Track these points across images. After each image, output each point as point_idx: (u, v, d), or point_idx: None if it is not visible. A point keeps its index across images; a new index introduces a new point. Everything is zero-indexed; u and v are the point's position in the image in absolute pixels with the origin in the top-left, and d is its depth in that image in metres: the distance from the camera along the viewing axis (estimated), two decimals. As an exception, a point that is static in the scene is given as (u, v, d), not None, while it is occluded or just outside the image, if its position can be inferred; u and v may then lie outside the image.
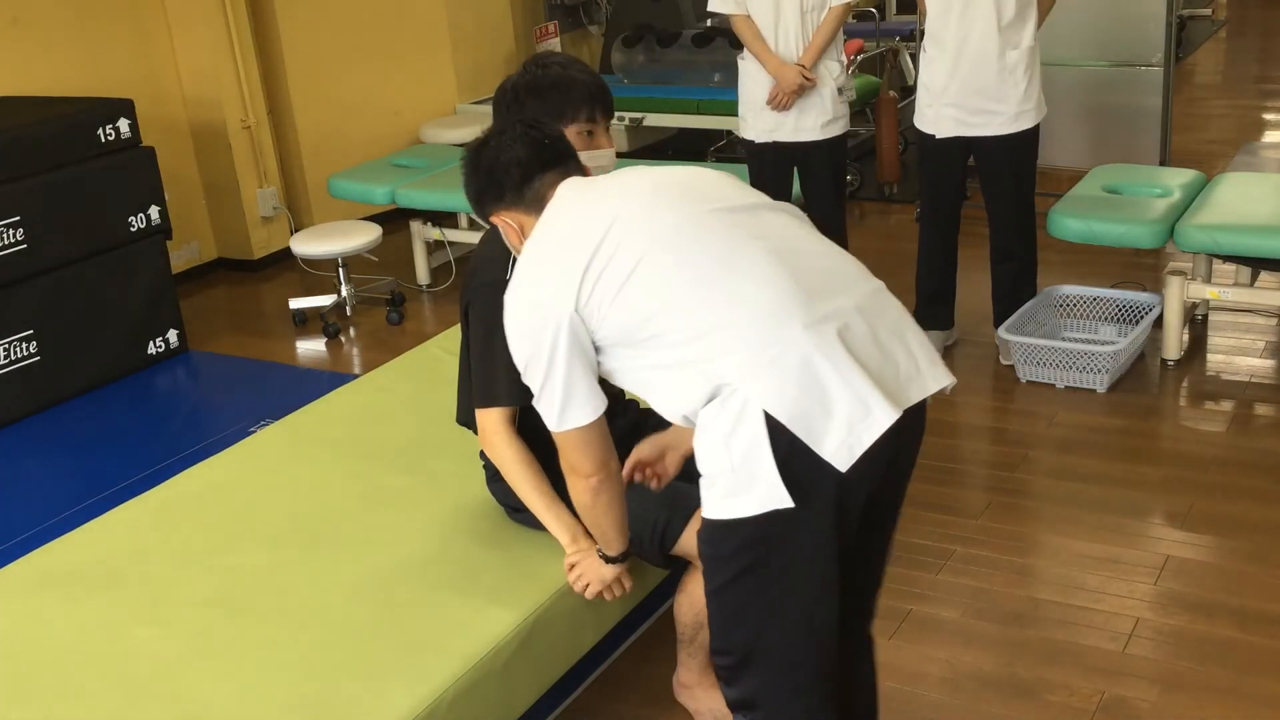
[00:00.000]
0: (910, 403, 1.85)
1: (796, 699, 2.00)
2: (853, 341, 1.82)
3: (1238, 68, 9.78)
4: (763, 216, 1.98)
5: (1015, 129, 4.17)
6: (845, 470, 1.78)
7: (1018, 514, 3.51)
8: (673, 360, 1.88)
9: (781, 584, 1.90)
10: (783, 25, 4.31)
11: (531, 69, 2.48)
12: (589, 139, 2.45)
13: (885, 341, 1.87)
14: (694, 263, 1.88)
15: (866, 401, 1.78)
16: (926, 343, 1.95)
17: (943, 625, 3.03)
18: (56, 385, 4.72)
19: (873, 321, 1.87)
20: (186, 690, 2.20)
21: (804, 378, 1.78)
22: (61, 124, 4.71)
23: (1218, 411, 4.05)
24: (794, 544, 1.86)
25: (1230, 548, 3.27)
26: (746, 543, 1.87)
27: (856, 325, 1.84)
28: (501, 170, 2.11)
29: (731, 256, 1.88)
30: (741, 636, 1.96)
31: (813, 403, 1.78)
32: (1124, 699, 2.73)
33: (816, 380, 1.78)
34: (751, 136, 4.49)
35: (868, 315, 1.88)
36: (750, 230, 1.93)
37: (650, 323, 1.88)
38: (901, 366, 1.87)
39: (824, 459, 1.77)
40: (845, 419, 1.78)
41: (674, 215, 1.94)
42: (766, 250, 1.89)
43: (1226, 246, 4.12)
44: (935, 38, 4.21)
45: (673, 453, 2.27)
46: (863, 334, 1.84)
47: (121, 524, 2.84)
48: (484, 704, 2.25)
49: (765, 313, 1.82)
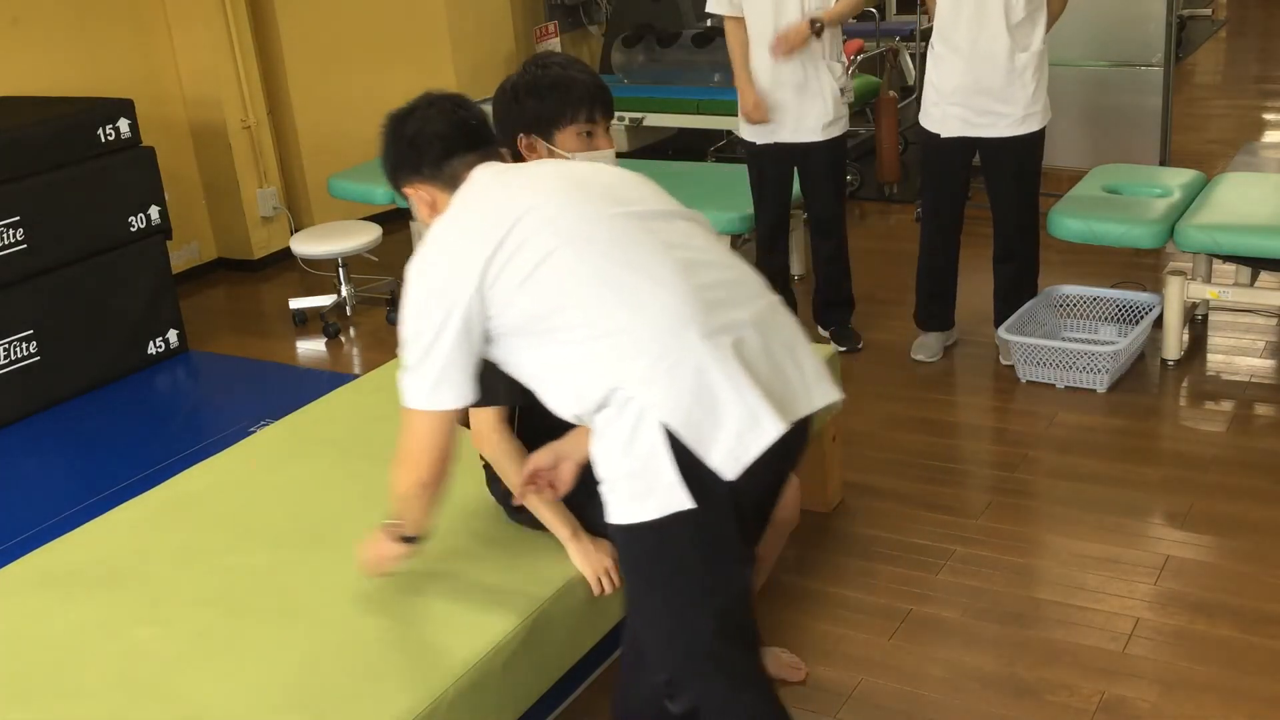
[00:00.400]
0: (798, 416, 1.89)
1: (734, 698, 2.02)
2: (747, 354, 1.86)
3: (1238, 68, 9.78)
4: (675, 224, 2.00)
5: (1021, 131, 4.17)
6: (733, 479, 1.82)
7: (1018, 514, 3.51)
8: (570, 358, 1.89)
9: (694, 583, 1.92)
10: (783, 26, 4.30)
11: (531, 69, 2.48)
12: (588, 139, 2.45)
13: (777, 356, 1.91)
14: (600, 265, 1.89)
15: (756, 413, 1.82)
16: (816, 359, 1.99)
17: (943, 625, 3.03)
18: (56, 385, 4.72)
19: (766, 336, 1.91)
20: (186, 690, 2.20)
21: (697, 387, 1.81)
22: (61, 124, 4.71)
23: (1218, 411, 4.05)
24: (700, 543, 1.88)
25: (1230, 548, 3.27)
26: (654, 545, 1.89)
27: (751, 339, 1.88)
28: (425, 142, 2.10)
29: (638, 262, 1.90)
30: (667, 642, 1.99)
31: (704, 412, 1.81)
32: (1124, 699, 2.73)
33: (709, 390, 1.81)
34: (752, 138, 4.49)
35: (762, 329, 1.91)
36: (661, 238, 1.94)
37: (552, 316, 1.89)
38: (791, 381, 1.91)
39: (711, 468, 1.81)
40: (734, 429, 1.81)
41: (587, 215, 1.95)
42: (674, 259, 1.91)
43: (1226, 246, 4.12)
44: (945, 37, 4.20)
45: (567, 462, 2.22)
46: (756, 347, 1.88)
47: (121, 524, 2.84)
48: (484, 704, 2.25)
49: (665, 321, 1.84)
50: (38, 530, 3.66)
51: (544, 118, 2.44)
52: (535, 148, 2.46)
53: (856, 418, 4.03)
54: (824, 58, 4.35)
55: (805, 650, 2.94)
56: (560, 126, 2.43)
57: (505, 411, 2.47)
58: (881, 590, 3.19)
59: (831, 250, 4.62)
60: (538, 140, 2.46)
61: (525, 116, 2.45)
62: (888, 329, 4.82)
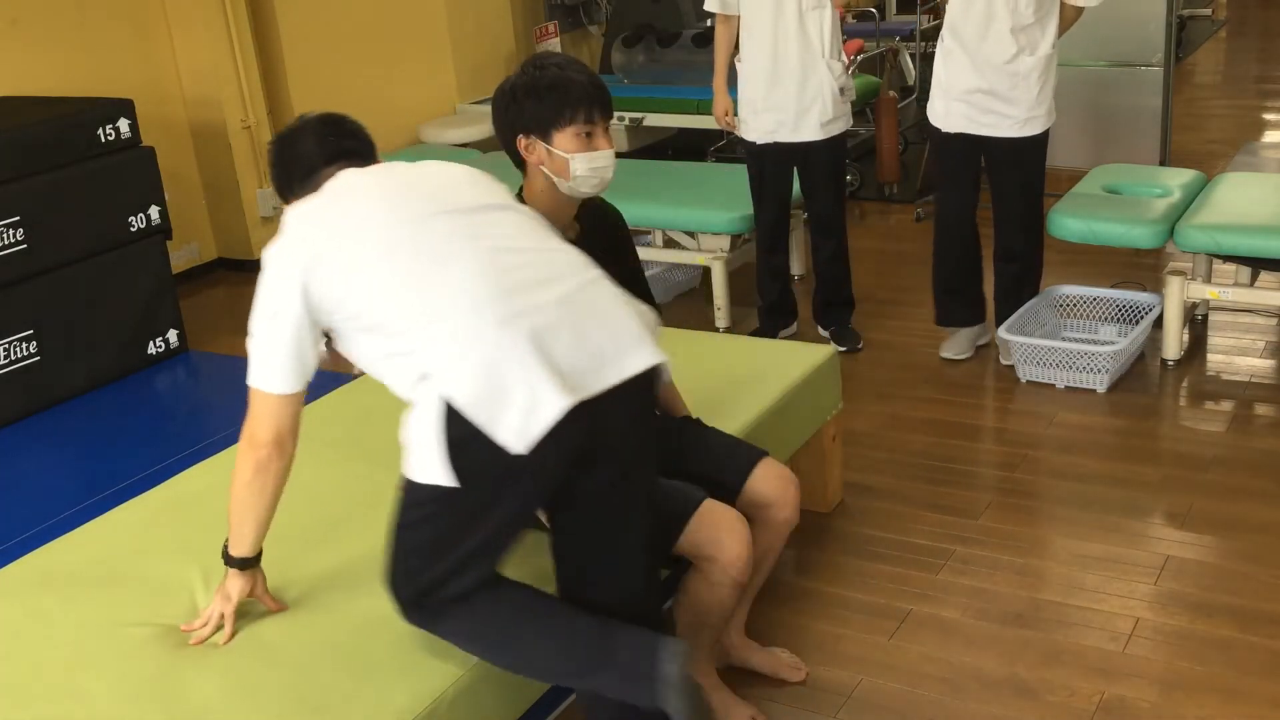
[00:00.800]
0: (606, 385, 2.03)
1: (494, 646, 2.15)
2: (545, 335, 2.00)
3: (1238, 68, 9.79)
4: (489, 217, 2.17)
5: (1024, 133, 4.17)
6: (524, 453, 1.97)
7: (1018, 514, 3.51)
8: (393, 349, 2.09)
9: (460, 539, 2.13)
10: (782, 25, 4.31)
11: (530, 70, 2.47)
12: (588, 140, 2.45)
13: (588, 331, 2.06)
14: (409, 262, 2.08)
15: (538, 391, 1.96)
16: (634, 327, 2.10)
17: (943, 625, 3.03)
18: (56, 385, 4.72)
19: (576, 313, 2.06)
20: (186, 690, 2.20)
21: (488, 371, 1.98)
22: (61, 124, 4.71)
23: (1218, 411, 4.05)
24: (459, 514, 2.10)
25: (1230, 548, 3.27)
26: (427, 499, 2.09)
27: (552, 319, 2.02)
28: (292, 163, 2.34)
29: (444, 257, 2.08)
30: (406, 576, 2.18)
31: (493, 392, 1.97)
32: (1124, 699, 2.73)
33: (499, 373, 1.98)
34: (752, 138, 4.49)
35: (572, 307, 2.06)
36: (469, 231, 2.12)
37: (373, 314, 2.08)
38: (603, 353, 2.05)
39: (499, 443, 1.97)
40: (521, 408, 1.96)
41: (406, 216, 2.13)
42: (478, 250, 2.09)
43: (1226, 246, 4.12)
44: (955, 31, 4.20)
45: None
46: (558, 326, 2.02)
47: (121, 524, 2.83)
48: (484, 704, 2.25)
49: (462, 312, 2.02)
50: (38, 530, 3.66)
51: (543, 119, 2.43)
52: (534, 149, 2.46)
53: (856, 418, 4.03)
54: (824, 56, 4.34)
55: (805, 650, 2.94)
56: (559, 127, 2.43)
57: None
58: (881, 590, 3.19)
59: (831, 250, 4.62)
60: (537, 141, 2.45)
61: (524, 118, 2.45)
62: (888, 329, 4.82)
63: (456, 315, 2.02)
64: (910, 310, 4.99)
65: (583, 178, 2.46)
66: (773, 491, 2.69)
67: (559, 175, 2.46)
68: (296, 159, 2.34)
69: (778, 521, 2.72)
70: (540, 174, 2.49)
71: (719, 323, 4.95)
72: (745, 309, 5.00)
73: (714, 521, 2.49)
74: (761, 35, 4.35)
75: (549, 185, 2.49)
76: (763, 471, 2.70)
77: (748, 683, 2.83)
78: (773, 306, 4.74)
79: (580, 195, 2.51)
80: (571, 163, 2.44)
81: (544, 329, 2.00)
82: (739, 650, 2.88)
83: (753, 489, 2.68)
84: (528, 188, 2.54)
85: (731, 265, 4.96)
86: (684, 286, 5.48)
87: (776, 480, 2.70)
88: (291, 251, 2.13)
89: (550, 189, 2.49)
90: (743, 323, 4.95)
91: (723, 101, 4.54)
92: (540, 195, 2.51)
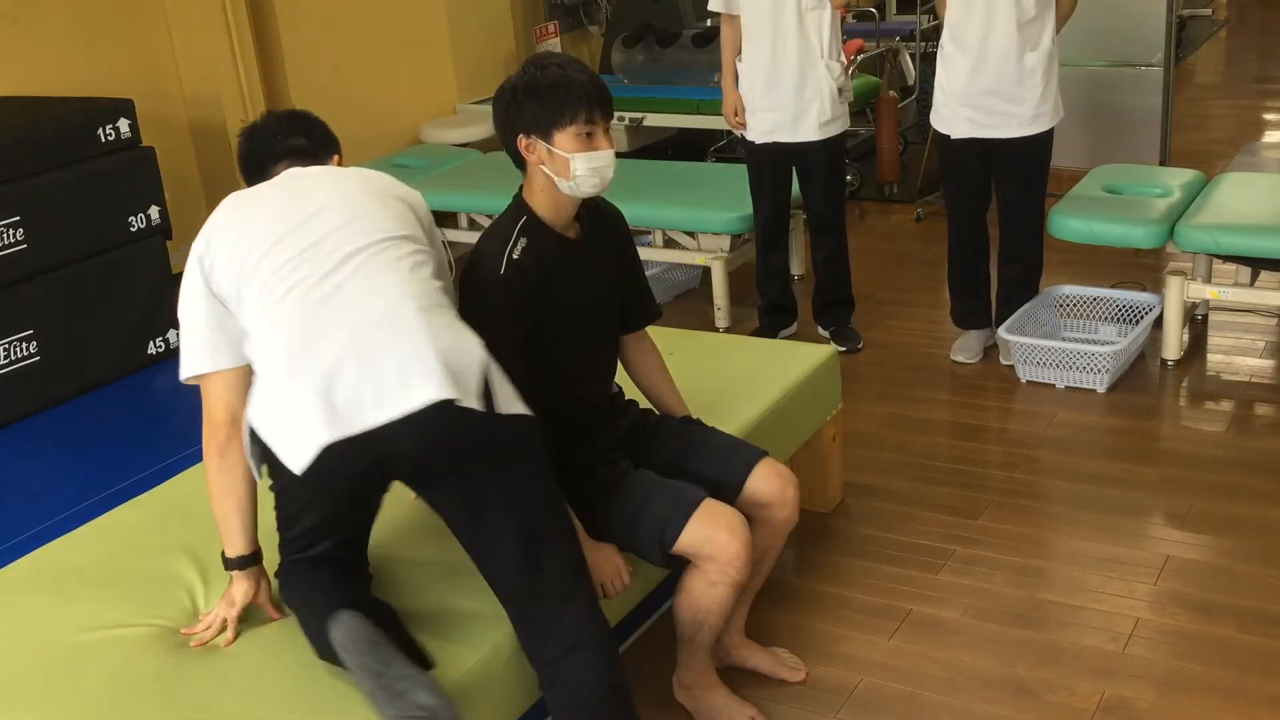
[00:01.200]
0: (383, 420, 2.09)
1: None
2: (331, 378, 2.10)
3: (1238, 68, 9.79)
4: (335, 242, 2.24)
5: (1031, 131, 4.17)
6: (299, 475, 2.10)
7: (1018, 514, 3.51)
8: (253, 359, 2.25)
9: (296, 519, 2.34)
10: (781, 25, 4.31)
11: (530, 70, 2.47)
12: (588, 140, 2.45)
13: (376, 365, 2.12)
14: (258, 289, 2.22)
15: (305, 428, 2.08)
16: (430, 363, 2.12)
17: (943, 625, 3.03)
18: (56, 385, 4.72)
19: (368, 348, 2.13)
20: (186, 690, 2.20)
21: (276, 406, 2.13)
22: (61, 124, 4.71)
23: (1218, 411, 4.05)
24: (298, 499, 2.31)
25: (1230, 548, 3.27)
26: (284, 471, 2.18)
27: (342, 357, 2.11)
28: (245, 156, 2.56)
29: (279, 295, 2.20)
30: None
31: (284, 423, 2.12)
32: (1124, 699, 2.73)
33: (284, 409, 2.12)
34: (751, 136, 4.49)
35: (366, 343, 2.13)
36: (307, 269, 2.21)
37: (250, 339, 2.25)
38: (384, 388, 2.10)
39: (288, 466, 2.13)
40: (292, 441, 2.10)
41: (272, 238, 2.25)
42: (305, 293, 2.18)
43: (1226, 246, 4.12)
44: (955, 36, 4.20)
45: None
46: (343, 365, 2.11)
47: (121, 524, 2.84)
48: (484, 704, 2.25)
49: (274, 354, 2.16)
50: (38, 530, 3.66)
51: (543, 119, 2.43)
52: (535, 149, 2.46)
53: (857, 418, 4.03)
54: (822, 57, 4.34)
55: (805, 650, 2.94)
56: (560, 128, 2.43)
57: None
58: (881, 590, 3.19)
59: (831, 250, 4.62)
60: (537, 141, 2.45)
61: (525, 118, 2.45)
62: (887, 329, 4.82)
63: (268, 357, 2.18)
64: (910, 310, 4.99)
65: (583, 178, 2.46)
66: (772, 491, 2.69)
67: (559, 175, 2.46)
68: (250, 153, 2.55)
69: (777, 521, 2.73)
70: (541, 174, 2.49)
71: (719, 323, 4.95)
72: (745, 309, 5.00)
73: (713, 521, 2.49)
74: (761, 35, 4.35)
75: (549, 185, 2.49)
76: (762, 471, 2.70)
77: (747, 683, 2.83)
78: (772, 306, 4.74)
79: (581, 195, 2.51)
80: (572, 163, 2.44)
81: (332, 372, 2.11)
82: (739, 650, 2.88)
83: (752, 489, 2.68)
84: (528, 187, 2.54)
85: (731, 265, 4.96)
86: (684, 286, 5.48)
87: (776, 480, 2.70)
88: (197, 240, 2.34)
89: (551, 189, 2.49)
90: (743, 323, 4.95)
91: (732, 99, 4.51)
92: (540, 195, 2.51)
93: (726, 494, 2.63)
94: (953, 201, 4.46)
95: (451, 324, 2.23)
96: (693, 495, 2.52)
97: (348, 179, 2.42)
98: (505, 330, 2.39)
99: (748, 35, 4.40)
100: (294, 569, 2.36)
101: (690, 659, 2.68)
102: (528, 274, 2.45)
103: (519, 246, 2.46)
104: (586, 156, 2.44)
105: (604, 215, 2.69)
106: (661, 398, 2.85)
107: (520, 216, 2.51)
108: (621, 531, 2.53)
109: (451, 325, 2.23)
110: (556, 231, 2.53)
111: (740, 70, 4.49)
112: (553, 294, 2.49)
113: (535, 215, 2.51)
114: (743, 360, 3.44)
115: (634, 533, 2.51)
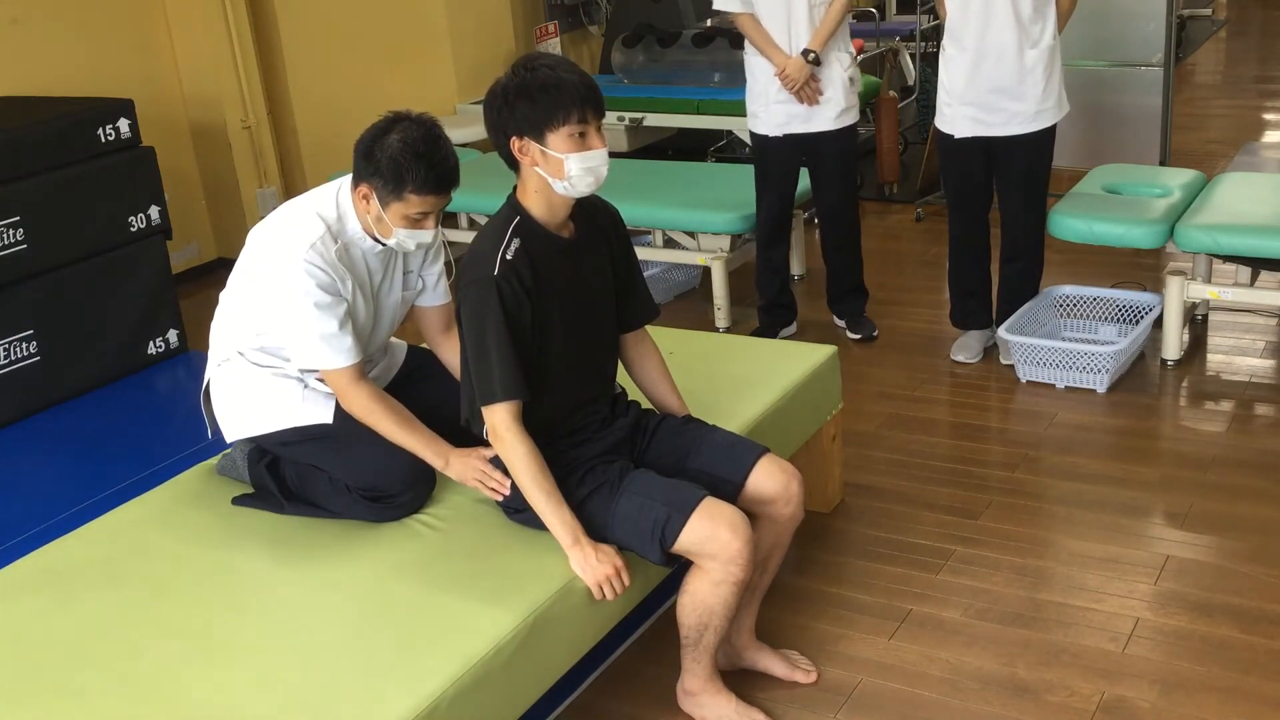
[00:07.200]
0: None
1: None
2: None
3: (1238, 68, 9.79)
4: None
5: (1034, 128, 4.17)
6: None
7: (1018, 514, 3.51)
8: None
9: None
10: (794, 21, 4.32)
11: (521, 71, 2.46)
12: (581, 140, 2.44)
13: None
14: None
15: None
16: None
17: (943, 625, 3.03)
18: (56, 385, 4.72)
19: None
20: (186, 690, 2.20)
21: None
22: (61, 124, 4.71)
23: (1218, 411, 4.05)
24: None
25: (1230, 548, 3.27)
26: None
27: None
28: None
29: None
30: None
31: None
32: (1124, 699, 2.73)
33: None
34: (764, 130, 4.49)
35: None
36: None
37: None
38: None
39: None
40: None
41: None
42: None
43: (1226, 246, 4.12)
44: (955, 37, 4.20)
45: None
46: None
47: (121, 524, 2.83)
48: (484, 704, 2.25)
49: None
50: (38, 530, 3.66)
51: (536, 120, 2.43)
52: (528, 150, 2.46)
53: (857, 417, 4.03)
54: (834, 48, 4.36)
55: (805, 650, 2.94)
56: (552, 128, 2.43)
57: (516, 408, 2.46)
58: (881, 590, 3.19)
59: (842, 239, 4.62)
60: (530, 143, 2.45)
61: (516, 120, 2.44)
62: (887, 329, 4.82)
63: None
64: (910, 310, 4.99)
65: (578, 177, 2.46)
66: (775, 487, 2.68)
67: (554, 176, 2.46)
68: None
69: (782, 517, 2.72)
70: (535, 175, 2.48)
71: (719, 323, 4.95)
72: (745, 309, 5.00)
73: (714, 519, 2.48)
74: (775, 29, 4.36)
75: (544, 186, 2.49)
76: (764, 467, 2.68)
77: (746, 683, 2.83)
78: (771, 303, 4.74)
79: (576, 195, 2.51)
80: (566, 163, 2.44)
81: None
82: (750, 652, 2.86)
83: (754, 485, 2.67)
84: (522, 189, 2.54)
85: (731, 265, 4.96)
86: (684, 286, 5.48)
87: (779, 475, 2.69)
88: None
89: (545, 189, 2.49)
90: (743, 323, 4.95)
91: (790, 60, 4.34)
92: (535, 196, 2.51)
93: (728, 491, 2.63)
94: (954, 201, 4.45)
95: None
96: (693, 494, 2.52)
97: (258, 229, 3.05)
98: (500, 330, 2.40)
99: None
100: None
101: (695, 664, 2.66)
102: (521, 274, 2.45)
103: (511, 247, 2.46)
104: (580, 156, 2.44)
105: (599, 214, 2.68)
106: (662, 398, 2.85)
107: (513, 217, 2.51)
108: (621, 531, 2.52)
109: None
110: (550, 231, 2.53)
111: (749, 65, 4.49)
112: (547, 294, 2.49)
113: (529, 215, 2.51)
114: (743, 360, 3.44)
115: (634, 532, 2.51)
